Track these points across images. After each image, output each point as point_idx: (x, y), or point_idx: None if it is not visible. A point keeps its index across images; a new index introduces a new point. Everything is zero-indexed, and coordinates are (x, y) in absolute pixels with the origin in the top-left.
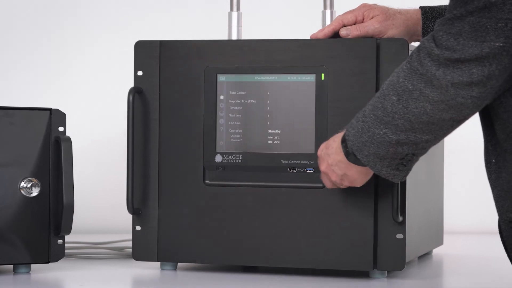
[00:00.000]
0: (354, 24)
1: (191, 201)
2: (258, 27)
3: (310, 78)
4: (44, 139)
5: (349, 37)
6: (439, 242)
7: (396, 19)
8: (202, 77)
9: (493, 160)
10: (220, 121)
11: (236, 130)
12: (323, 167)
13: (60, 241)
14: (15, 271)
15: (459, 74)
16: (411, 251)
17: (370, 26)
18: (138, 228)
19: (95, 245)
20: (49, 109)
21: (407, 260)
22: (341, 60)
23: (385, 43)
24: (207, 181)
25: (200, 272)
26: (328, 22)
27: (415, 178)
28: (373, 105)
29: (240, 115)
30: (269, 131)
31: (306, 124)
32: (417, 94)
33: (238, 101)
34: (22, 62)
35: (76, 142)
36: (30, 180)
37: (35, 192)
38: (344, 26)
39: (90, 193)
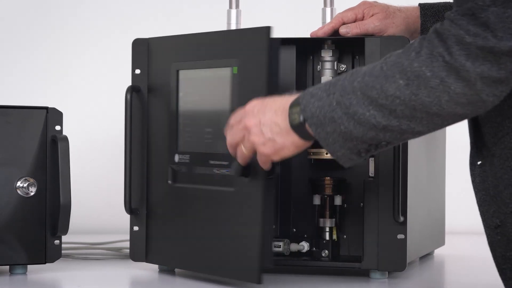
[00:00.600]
0: (354, 22)
1: (160, 201)
2: (257, 24)
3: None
4: (41, 138)
5: (348, 35)
6: (441, 242)
7: (396, 17)
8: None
9: (478, 163)
10: (179, 119)
11: (188, 129)
12: (250, 122)
13: (57, 241)
14: (11, 271)
15: (489, 68)
16: (412, 251)
17: (370, 24)
18: (136, 228)
19: (93, 245)
20: (46, 108)
21: (408, 260)
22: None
23: (386, 41)
24: (169, 182)
25: (198, 273)
26: (328, 19)
27: (416, 178)
28: (364, 82)
29: (191, 113)
30: (205, 129)
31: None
32: (436, 83)
33: (190, 99)
34: (18, 60)
35: (73, 141)
36: (26, 180)
37: (31, 191)
38: (344, 24)
39: (87, 193)
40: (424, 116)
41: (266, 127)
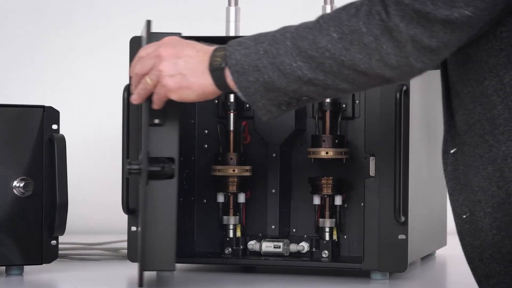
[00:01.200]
0: None
1: None
2: (256, 22)
3: None
4: (37, 137)
5: None
6: (443, 243)
7: None
8: None
9: (451, 152)
10: None
11: None
12: (166, 52)
13: (53, 241)
14: (7, 272)
15: (421, 32)
16: (413, 252)
17: None
18: (133, 228)
19: (90, 246)
20: (43, 107)
21: (409, 261)
22: None
23: None
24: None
25: (197, 273)
26: None
27: (417, 177)
28: (296, 33)
29: None
30: None
31: None
32: (370, 40)
33: None
34: (14, 59)
35: (70, 140)
36: (23, 179)
37: (28, 191)
38: None
39: (85, 193)
40: (351, 73)
41: (182, 60)
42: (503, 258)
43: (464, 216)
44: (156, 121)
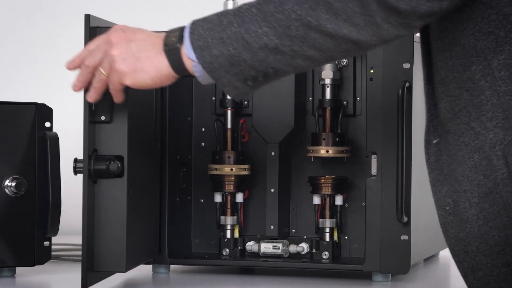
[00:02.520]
0: None
1: None
2: None
3: None
4: (30, 135)
5: None
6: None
7: None
8: None
9: (434, 142)
10: None
11: None
12: (115, 37)
13: (46, 242)
14: None
15: None
16: (416, 253)
17: None
18: None
19: None
20: (35, 104)
21: (412, 263)
22: None
23: None
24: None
25: (193, 275)
26: None
27: (420, 177)
28: None
29: None
30: None
31: None
32: None
33: None
34: (6, 55)
35: (63, 138)
36: (15, 179)
37: (20, 191)
38: None
39: (78, 193)
40: (317, 37)
41: (133, 43)
42: (490, 250)
43: (447, 208)
44: (103, 118)
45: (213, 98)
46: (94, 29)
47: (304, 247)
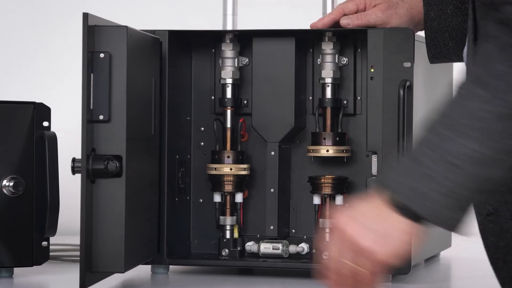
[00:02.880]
0: (356, 13)
1: None
2: (254, 15)
3: None
4: (28, 134)
5: (349, 26)
6: (447, 244)
7: (399, 7)
8: None
9: None
10: None
11: None
12: (353, 230)
13: (44, 243)
14: None
15: None
16: (417, 254)
17: (372, 15)
18: None
19: None
20: (33, 103)
21: (413, 263)
22: None
23: (390, 33)
24: None
25: (193, 275)
26: (328, 10)
27: None
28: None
29: None
30: None
31: None
32: None
33: None
34: (5, 54)
35: (61, 138)
36: (12, 178)
37: (18, 191)
38: (345, 15)
39: (77, 193)
40: None
41: (362, 215)
42: None
43: (487, 215)
44: (101, 117)
45: (212, 97)
46: (92, 27)
47: (304, 247)
